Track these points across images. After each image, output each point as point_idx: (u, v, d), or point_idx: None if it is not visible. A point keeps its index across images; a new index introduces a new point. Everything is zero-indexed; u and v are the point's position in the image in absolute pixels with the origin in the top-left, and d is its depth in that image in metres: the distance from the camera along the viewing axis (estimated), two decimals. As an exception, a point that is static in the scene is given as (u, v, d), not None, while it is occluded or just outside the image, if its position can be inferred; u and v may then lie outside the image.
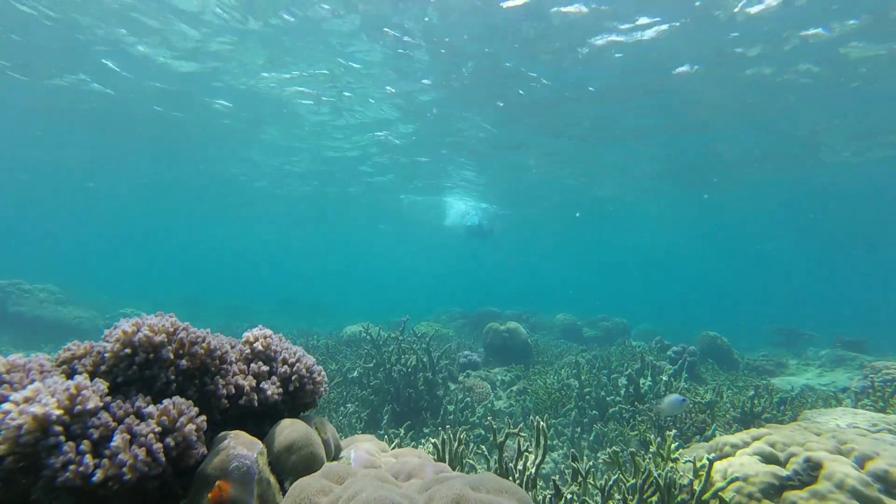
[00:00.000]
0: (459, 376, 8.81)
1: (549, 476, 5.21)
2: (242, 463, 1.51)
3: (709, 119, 13.70)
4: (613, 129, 14.82)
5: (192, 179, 25.22)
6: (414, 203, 27.93)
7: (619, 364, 9.24)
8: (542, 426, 3.07)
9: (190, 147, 19.61)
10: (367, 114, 15.12)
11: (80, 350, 1.73)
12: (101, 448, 1.41)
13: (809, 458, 3.04)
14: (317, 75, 12.44)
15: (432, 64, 11.42)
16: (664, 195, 22.59)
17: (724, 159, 17.17)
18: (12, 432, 1.29)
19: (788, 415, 6.27)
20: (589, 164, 18.72)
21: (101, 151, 20.70)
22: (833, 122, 13.66)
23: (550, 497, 2.97)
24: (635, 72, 11.07)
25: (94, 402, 1.45)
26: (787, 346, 15.10)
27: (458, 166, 20.30)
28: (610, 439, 5.96)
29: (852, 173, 17.55)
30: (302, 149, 19.13)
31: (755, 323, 23.36)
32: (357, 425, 6.40)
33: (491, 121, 14.85)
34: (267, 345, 2.09)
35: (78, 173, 25.29)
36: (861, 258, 40.64)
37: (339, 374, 7.90)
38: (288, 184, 24.97)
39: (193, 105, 15.15)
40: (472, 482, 1.34)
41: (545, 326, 16.95)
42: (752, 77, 11.20)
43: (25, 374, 1.61)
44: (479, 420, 6.60)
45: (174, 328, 1.77)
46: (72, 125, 17.35)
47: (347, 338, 11.76)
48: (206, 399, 1.80)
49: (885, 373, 7.99)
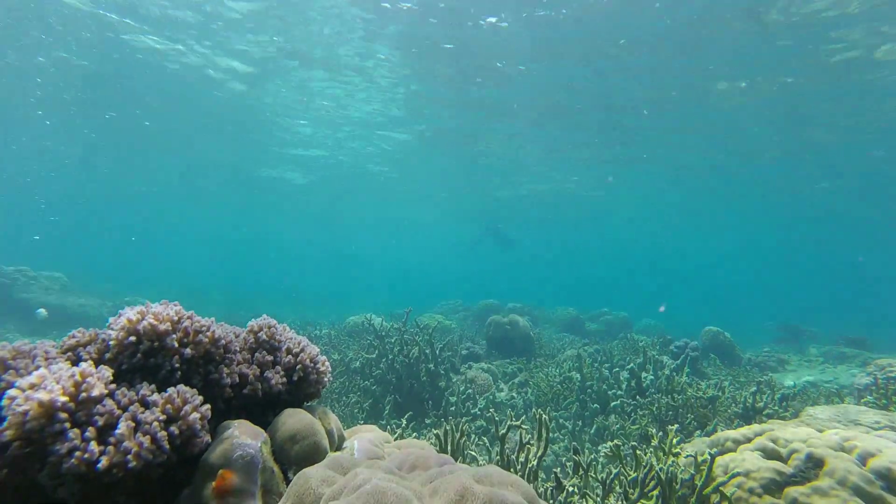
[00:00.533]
0: (461, 368, 8.83)
1: (550, 468, 5.23)
2: (246, 452, 1.52)
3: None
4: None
5: (201, 169, 25.27)
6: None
7: (620, 358, 9.25)
8: (543, 419, 3.07)
9: (204, 136, 19.63)
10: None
11: (85, 337, 1.73)
12: (106, 435, 1.41)
13: (811, 455, 3.04)
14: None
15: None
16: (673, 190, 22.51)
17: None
18: (18, 418, 1.29)
19: (790, 411, 6.26)
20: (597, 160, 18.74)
21: (108, 138, 20.71)
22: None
23: (552, 489, 2.98)
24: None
25: (98, 390, 1.45)
26: (790, 343, 15.06)
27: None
28: (611, 433, 5.97)
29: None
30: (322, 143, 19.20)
31: (758, 319, 23.30)
32: (359, 416, 6.43)
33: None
34: (271, 334, 2.09)
35: (84, 164, 25.35)
36: (864, 255, 40.40)
37: (342, 365, 7.93)
38: (296, 173, 24.99)
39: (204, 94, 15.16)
40: (476, 474, 1.33)
41: (547, 320, 16.95)
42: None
43: (31, 360, 1.61)
44: (480, 412, 6.63)
45: (179, 317, 1.77)
46: (80, 111, 17.35)
47: (350, 328, 11.79)
48: (210, 388, 1.80)
49: (888, 370, 7.96)
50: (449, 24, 10.22)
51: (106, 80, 14.52)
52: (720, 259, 54.44)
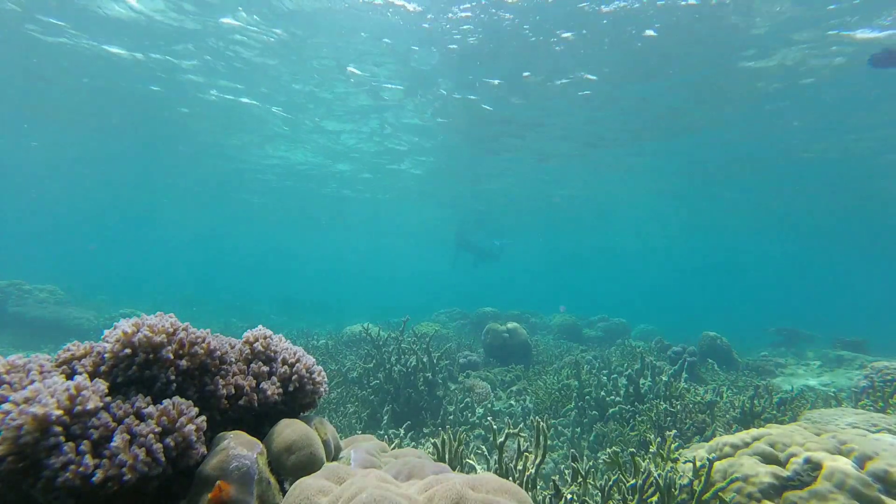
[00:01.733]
0: (459, 376, 8.80)
1: (549, 476, 5.21)
2: (242, 463, 1.51)
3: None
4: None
5: (194, 177, 25.28)
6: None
7: (619, 364, 9.24)
8: (542, 426, 3.07)
9: (196, 143, 19.66)
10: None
11: (80, 350, 1.73)
12: (101, 448, 1.41)
13: (809, 459, 3.04)
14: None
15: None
16: (664, 196, 22.61)
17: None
18: (12, 432, 1.29)
19: (788, 415, 6.26)
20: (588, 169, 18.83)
21: (100, 146, 20.70)
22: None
23: (550, 497, 2.97)
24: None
25: (93, 403, 1.44)
26: (787, 347, 15.09)
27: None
28: (610, 439, 5.96)
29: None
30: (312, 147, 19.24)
31: (755, 323, 23.36)
32: (357, 425, 6.39)
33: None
34: (267, 345, 2.09)
35: (77, 169, 25.32)
36: (861, 258, 40.65)
37: (339, 375, 7.89)
38: (292, 181, 25.01)
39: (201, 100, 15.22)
40: (472, 482, 1.34)
41: (545, 327, 16.95)
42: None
43: (25, 374, 1.61)
44: (478, 420, 6.60)
45: (174, 328, 1.77)
46: (70, 120, 17.37)
47: (347, 338, 11.75)
48: (205, 399, 1.80)
49: (884, 373, 7.98)
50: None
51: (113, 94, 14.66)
52: (717, 264, 54.64)
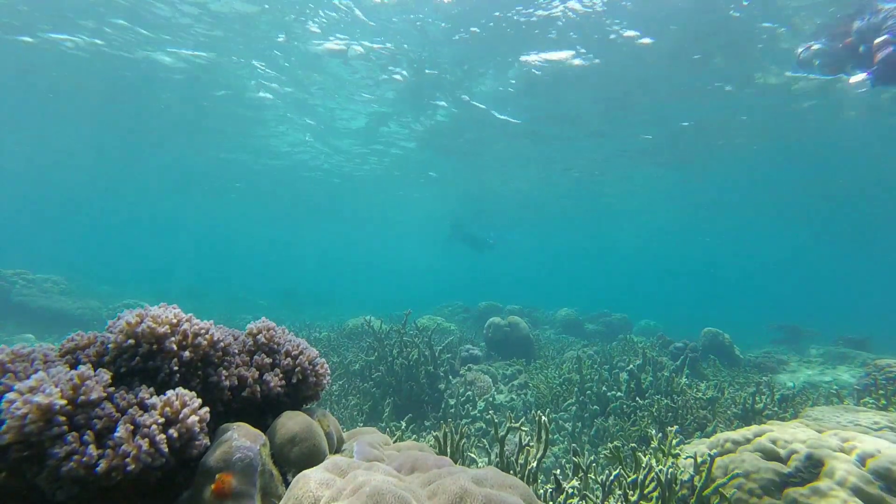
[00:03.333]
0: (461, 370, 8.82)
1: (550, 470, 5.23)
2: (245, 455, 1.52)
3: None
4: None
5: (197, 169, 25.28)
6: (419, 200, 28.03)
7: (620, 359, 9.24)
8: (543, 420, 3.07)
9: (202, 137, 19.63)
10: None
11: (84, 340, 1.73)
12: (105, 438, 1.41)
13: (811, 455, 3.04)
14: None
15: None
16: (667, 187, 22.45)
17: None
18: (17, 421, 1.29)
19: (790, 412, 6.26)
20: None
21: (106, 142, 20.69)
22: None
23: (551, 491, 2.98)
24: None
25: (97, 393, 1.45)
26: (789, 344, 15.05)
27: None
28: (611, 434, 5.97)
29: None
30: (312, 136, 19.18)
31: (757, 320, 23.32)
32: (358, 418, 6.42)
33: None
34: (270, 337, 2.09)
35: (83, 163, 25.32)
36: (864, 255, 40.47)
37: (342, 367, 7.92)
38: (295, 172, 24.98)
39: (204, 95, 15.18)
40: (475, 476, 1.33)
41: (547, 321, 16.95)
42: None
43: (29, 363, 1.61)
44: (480, 414, 6.62)
45: (177, 319, 1.77)
46: (76, 116, 17.34)
47: (350, 331, 11.79)
48: (209, 390, 1.80)
49: (887, 370, 7.95)
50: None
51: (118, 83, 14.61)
52: (720, 260, 54.48)
